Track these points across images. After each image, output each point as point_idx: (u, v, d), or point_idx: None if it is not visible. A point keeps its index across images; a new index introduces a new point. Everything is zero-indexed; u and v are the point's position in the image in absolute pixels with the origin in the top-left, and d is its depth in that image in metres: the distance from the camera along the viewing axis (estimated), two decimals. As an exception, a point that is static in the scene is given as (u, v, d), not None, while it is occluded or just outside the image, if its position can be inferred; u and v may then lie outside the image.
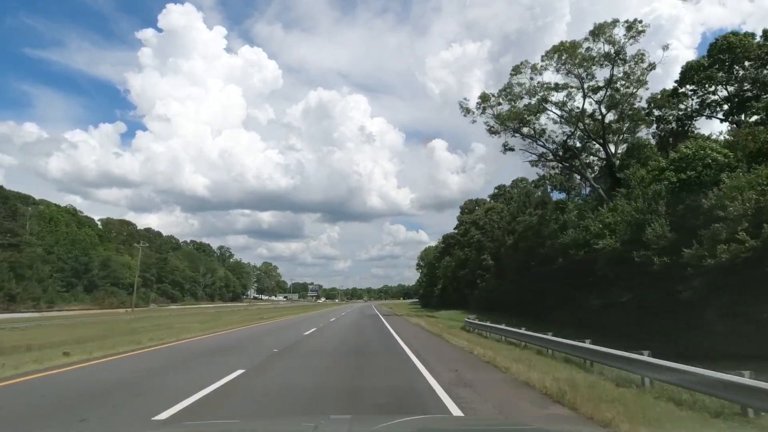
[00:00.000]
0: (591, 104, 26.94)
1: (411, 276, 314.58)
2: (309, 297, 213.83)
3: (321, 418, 4.12)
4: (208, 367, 9.99)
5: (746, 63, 23.96)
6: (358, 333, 21.31)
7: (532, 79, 27.28)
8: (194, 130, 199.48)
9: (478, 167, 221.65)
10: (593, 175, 28.64)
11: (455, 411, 5.89)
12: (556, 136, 30.20)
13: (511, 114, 26.73)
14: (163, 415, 5.61)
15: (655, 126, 28.79)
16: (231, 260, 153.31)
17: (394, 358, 11.86)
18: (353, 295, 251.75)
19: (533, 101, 26.98)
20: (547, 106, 27.09)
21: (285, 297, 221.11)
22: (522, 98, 27.82)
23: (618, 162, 28.14)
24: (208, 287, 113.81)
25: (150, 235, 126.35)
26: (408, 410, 5.99)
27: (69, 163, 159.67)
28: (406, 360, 11.46)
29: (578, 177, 30.84)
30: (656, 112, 27.87)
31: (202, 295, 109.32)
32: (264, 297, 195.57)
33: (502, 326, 17.03)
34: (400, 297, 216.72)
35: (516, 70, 27.63)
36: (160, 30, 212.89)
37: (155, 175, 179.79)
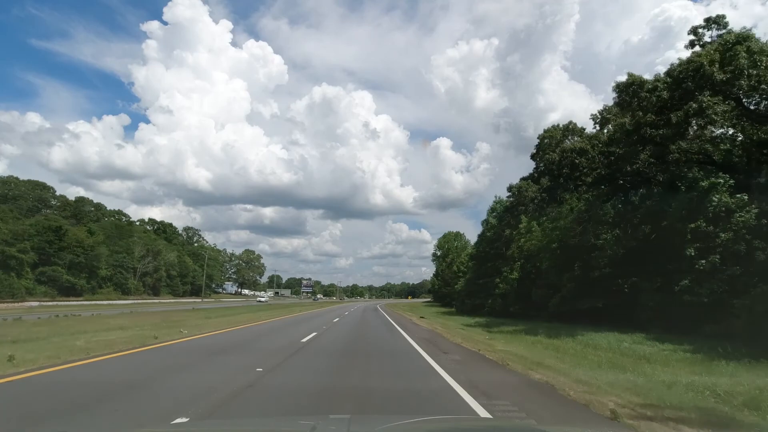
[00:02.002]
0: None
1: (412, 275, 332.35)
2: (303, 294, 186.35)
3: (320, 418, 4.05)
4: None
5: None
6: None
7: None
8: (198, 124, 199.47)
9: (483, 167, 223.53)
10: None
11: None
12: None
13: None
14: None
15: None
16: (197, 244, 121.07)
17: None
18: (353, 292, 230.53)
19: None
20: None
21: (277, 293, 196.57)
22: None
23: None
24: (149, 276, 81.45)
25: (82, 205, 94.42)
26: None
27: (71, 154, 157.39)
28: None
29: None
30: None
31: (137, 286, 77.07)
32: (248, 292, 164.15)
33: None
34: (409, 296, 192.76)
35: None
36: (165, 23, 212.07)
37: (158, 167, 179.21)
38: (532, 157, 45.14)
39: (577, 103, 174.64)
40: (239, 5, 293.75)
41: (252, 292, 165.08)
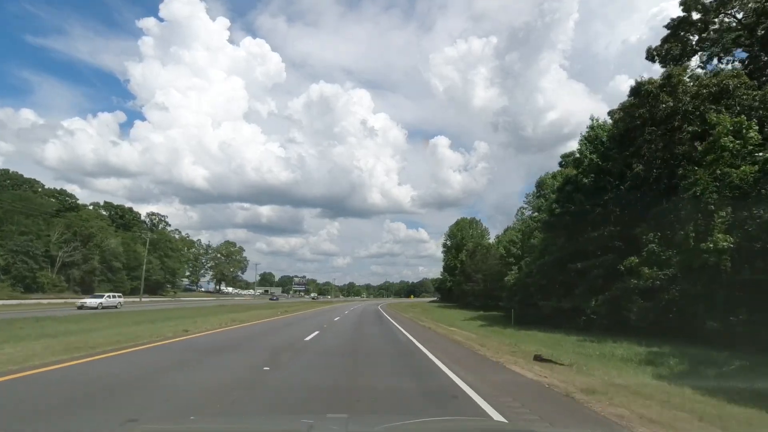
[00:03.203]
0: None
1: (410, 274, 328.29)
2: (295, 293, 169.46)
3: (317, 418, 4.00)
4: None
5: None
6: None
7: None
8: (195, 122, 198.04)
9: (481, 166, 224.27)
10: None
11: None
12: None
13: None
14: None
15: None
16: (158, 229, 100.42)
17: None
18: (350, 291, 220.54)
19: None
20: None
21: (266, 291, 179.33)
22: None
23: None
24: (77, 267, 61.31)
25: (3, 178, 74.94)
26: None
27: (66, 151, 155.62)
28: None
29: None
30: None
31: (55, 280, 57.03)
32: (231, 290, 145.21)
33: None
34: (411, 295, 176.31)
35: None
36: (161, 19, 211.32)
37: (154, 165, 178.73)
38: None
39: (575, 102, 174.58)
40: (237, 2, 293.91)
41: (235, 291, 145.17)
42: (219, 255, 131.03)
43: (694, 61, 25.40)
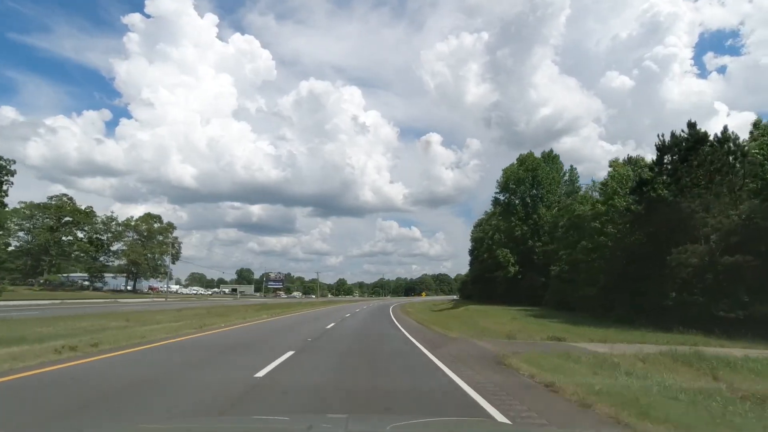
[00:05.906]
0: None
1: (403, 272, 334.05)
2: (271, 292, 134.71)
3: (317, 417, 4.04)
4: None
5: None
6: None
7: None
8: (183, 119, 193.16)
9: (473, 162, 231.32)
10: None
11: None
12: None
13: None
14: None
15: None
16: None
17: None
18: (339, 289, 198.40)
19: None
20: None
21: (234, 290, 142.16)
22: None
23: None
24: None
25: None
26: None
27: (49, 149, 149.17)
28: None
29: None
30: None
31: None
32: (173, 288, 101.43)
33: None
34: (422, 293, 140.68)
35: None
36: (148, 16, 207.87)
37: (141, 164, 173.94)
38: None
39: (568, 97, 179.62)
40: (226, 0, 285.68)
41: (172, 287, 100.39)
42: (134, 237, 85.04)
43: None
